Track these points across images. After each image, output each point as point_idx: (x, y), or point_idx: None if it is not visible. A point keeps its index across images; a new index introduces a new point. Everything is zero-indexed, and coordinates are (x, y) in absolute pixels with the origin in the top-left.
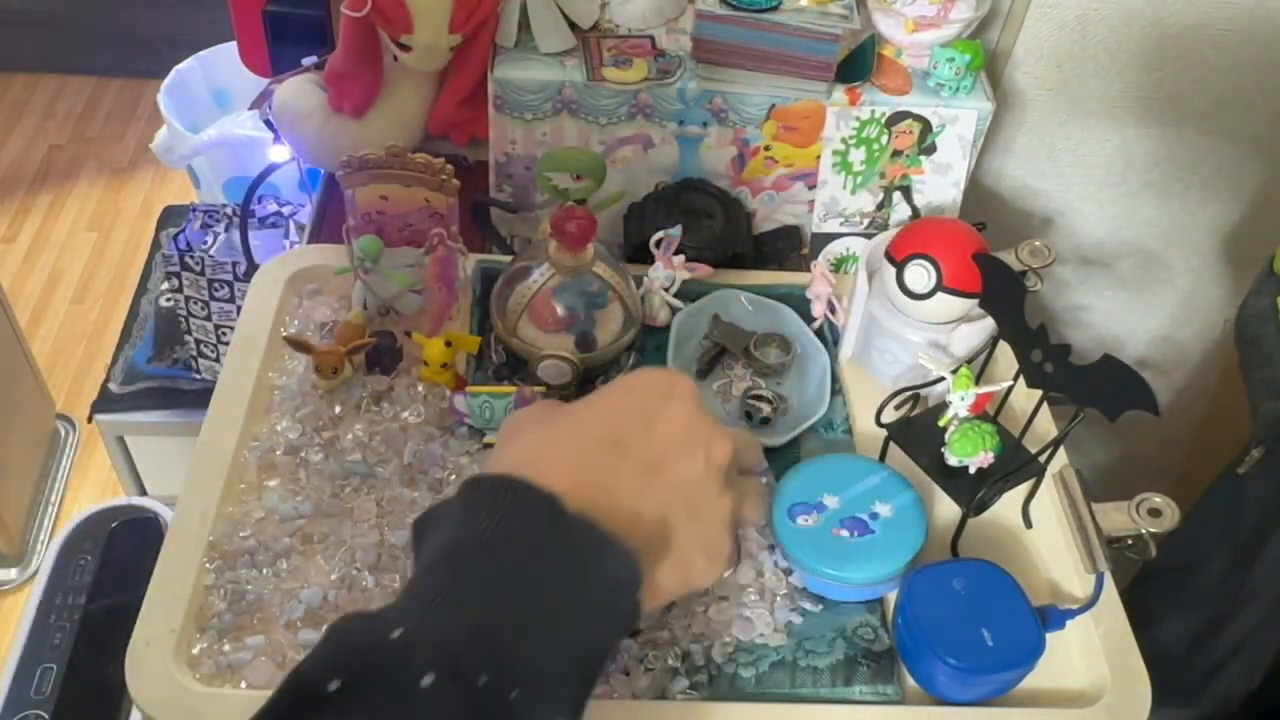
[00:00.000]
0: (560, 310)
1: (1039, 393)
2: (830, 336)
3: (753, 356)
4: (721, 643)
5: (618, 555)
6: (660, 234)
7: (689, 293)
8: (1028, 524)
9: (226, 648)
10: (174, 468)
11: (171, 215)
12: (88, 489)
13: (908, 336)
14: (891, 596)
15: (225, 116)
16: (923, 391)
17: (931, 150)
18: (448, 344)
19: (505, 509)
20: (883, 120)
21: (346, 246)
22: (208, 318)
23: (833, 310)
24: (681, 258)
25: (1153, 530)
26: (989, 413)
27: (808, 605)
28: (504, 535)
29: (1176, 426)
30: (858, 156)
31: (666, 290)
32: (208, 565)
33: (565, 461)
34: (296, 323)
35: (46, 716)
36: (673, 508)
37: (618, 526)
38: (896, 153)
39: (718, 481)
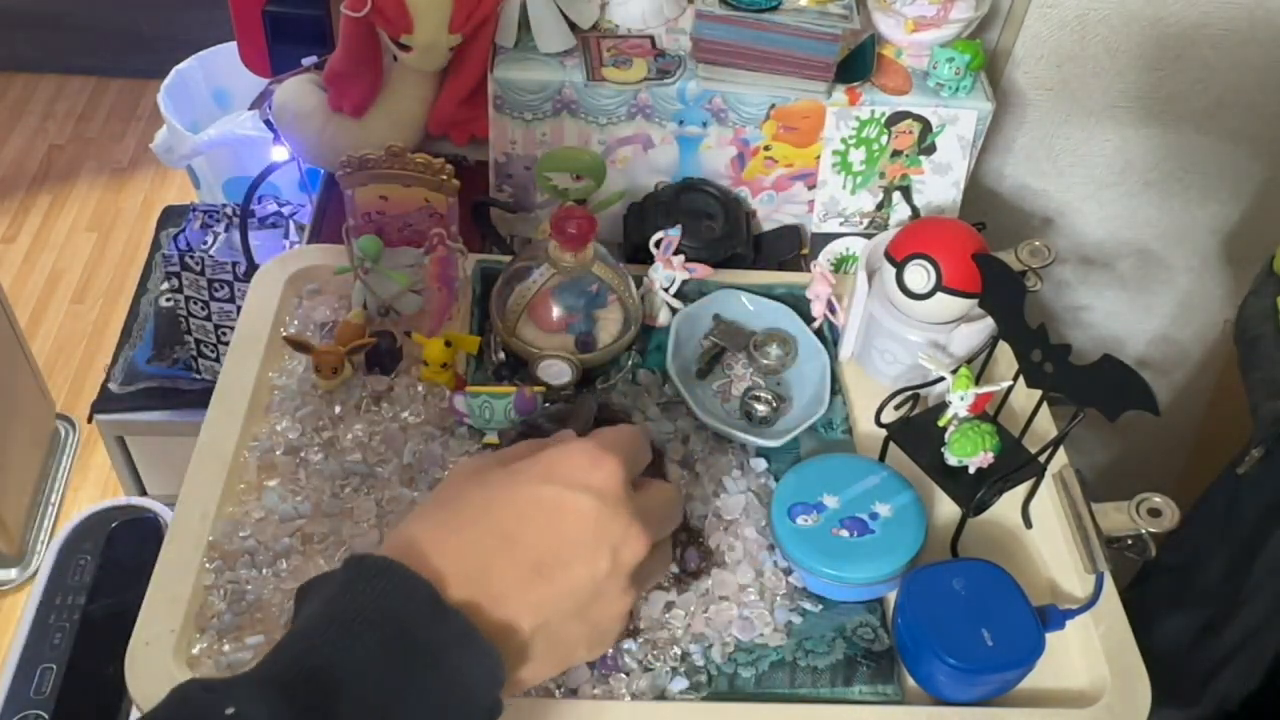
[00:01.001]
0: (560, 310)
1: (1039, 393)
2: (830, 336)
3: (753, 356)
4: (721, 643)
5: (481, 653)
6: (660, 234)
7: (689, 293)
8: (1028, 524)
9: (226, 648)
10: (174, 468)
11: (171, 215)
12: (88, 489)
13: (908, 336)
14: (891, 596)
15: (225, 116)
16: (923, 391)
17: (931, 150)
18: (448, 344)
19: (379, 590)
20: (883, 120)
21: (346, 246)
22: (208, 318)
23: (833, 310)
24: (681, 258)
25: (1153, 530)
26: (989, 413)
27: (808, 605)
28: (370, 618)
29: (1176, 426)
30: (858, 156)
31: (666, 290)
32: (208, 565)
33: (454, 550)
34: (296, 323)
35: (46, 716)
36: (559, 611)
37: (489, 626)
38: (896, 153)
39: (620, 583)
